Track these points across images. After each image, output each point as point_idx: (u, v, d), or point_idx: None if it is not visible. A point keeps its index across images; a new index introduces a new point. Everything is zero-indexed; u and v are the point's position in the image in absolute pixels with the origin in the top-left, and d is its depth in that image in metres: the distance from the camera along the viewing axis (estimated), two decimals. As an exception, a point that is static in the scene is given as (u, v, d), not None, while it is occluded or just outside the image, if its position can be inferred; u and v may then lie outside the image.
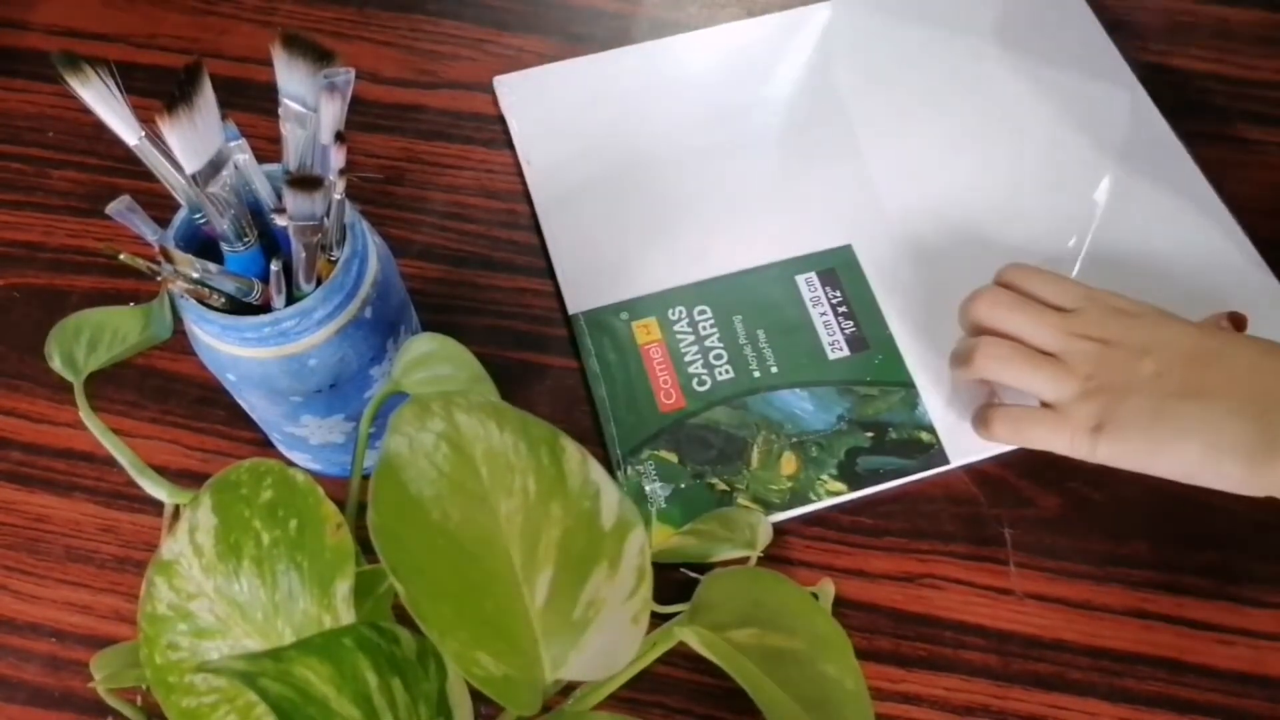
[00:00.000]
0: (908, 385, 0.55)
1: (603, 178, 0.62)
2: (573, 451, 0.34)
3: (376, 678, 0.29)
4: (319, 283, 0.43)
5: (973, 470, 0.53)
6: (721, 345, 0.56)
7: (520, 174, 0.63)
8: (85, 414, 0.41)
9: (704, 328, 0.56)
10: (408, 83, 0.67)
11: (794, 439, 0.53)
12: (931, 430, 0.53)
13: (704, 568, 0.47)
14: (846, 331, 0.56)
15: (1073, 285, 0.51)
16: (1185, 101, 0.65)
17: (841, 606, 0.50)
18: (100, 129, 0.39)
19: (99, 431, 0.41)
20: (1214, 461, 0.45)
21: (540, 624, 0.33)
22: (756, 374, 0.55)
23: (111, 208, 0.39)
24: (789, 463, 0.52)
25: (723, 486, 0.52)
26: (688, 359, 0.55)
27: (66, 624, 0.50)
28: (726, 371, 0.55)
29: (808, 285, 0.57)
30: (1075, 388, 0.48)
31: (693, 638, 0.38)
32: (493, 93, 0.66)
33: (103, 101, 0.39)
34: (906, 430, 0.53)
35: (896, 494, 0.53)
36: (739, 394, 0.54)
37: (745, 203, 0.61)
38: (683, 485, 0.52)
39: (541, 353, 0.58)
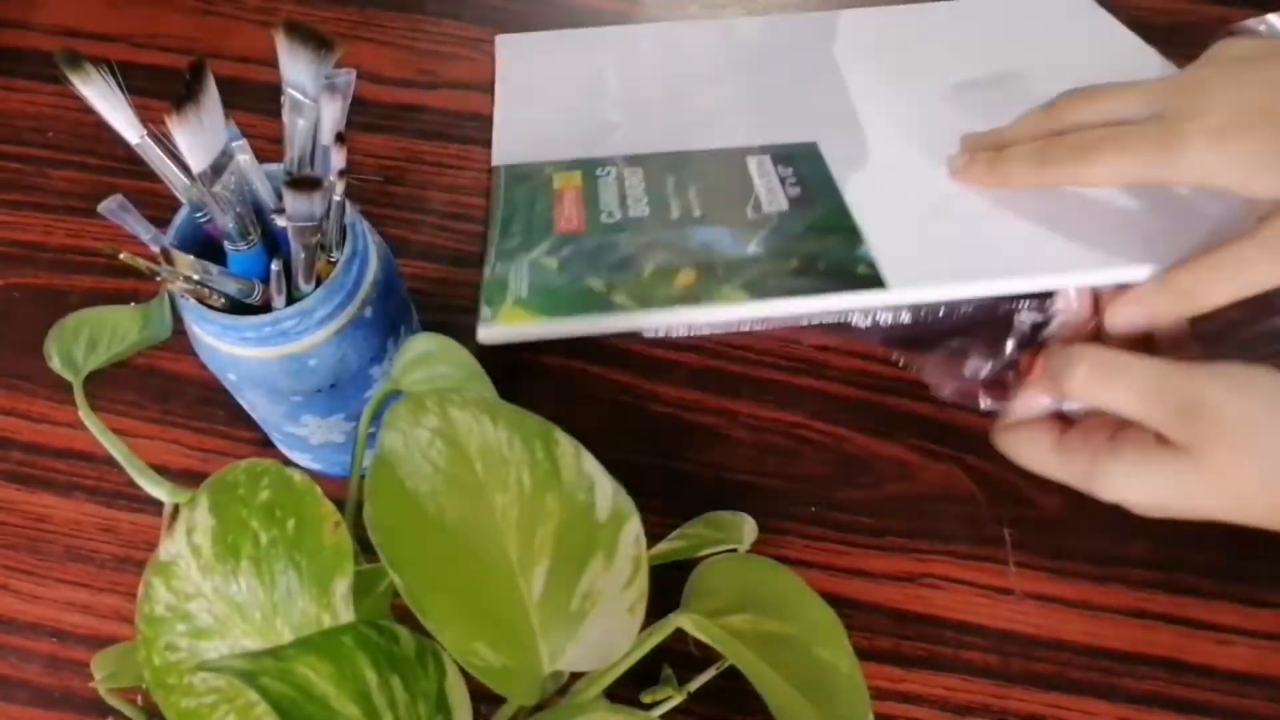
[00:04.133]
0: (850, 230, 0.45)
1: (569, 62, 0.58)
2: (566, 445, 0.34)
3: (376, 676, 0.29)
4: (319, 283, 0.43)
5: (972, 470, 0.53)
6: (644, 189, 0.48)
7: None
8: (84, 414, 0.41)
9: (630, 181, 0.49)
10: (408, 83, 0.67)
11: (700, 259, 0.44)
12: (871, 264, 0.43)
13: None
14: (791, 194, 0.47)
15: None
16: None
17: (842, 606, 0.50)
18: (100, 129, 0.39)
19: (98, 431, 0.41)
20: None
21: (537, 615, 0.33)
22: (676, 215, 0.47)
23: (103, 206, 0.39)
24: (686, 276, 0.43)
25: (600, 289, 0.43)
26: (603, 199, 0.48)
27: (67, 624, 0.50)
28: (643, 209, 0.47)
29: (759, 166, 0.49)
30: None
31: (689, 624, 0.39)
32: (492, 92, 0.66)
33: (105, 100, 0.39)
34: (840, 263, 0.43)
35: (895, 494, 0.53)
36: (650, 227, 0.46)
37: (710, 85, 0.55)
38: (555, 285, 0.44)
39: (540, 352, 0.58)
